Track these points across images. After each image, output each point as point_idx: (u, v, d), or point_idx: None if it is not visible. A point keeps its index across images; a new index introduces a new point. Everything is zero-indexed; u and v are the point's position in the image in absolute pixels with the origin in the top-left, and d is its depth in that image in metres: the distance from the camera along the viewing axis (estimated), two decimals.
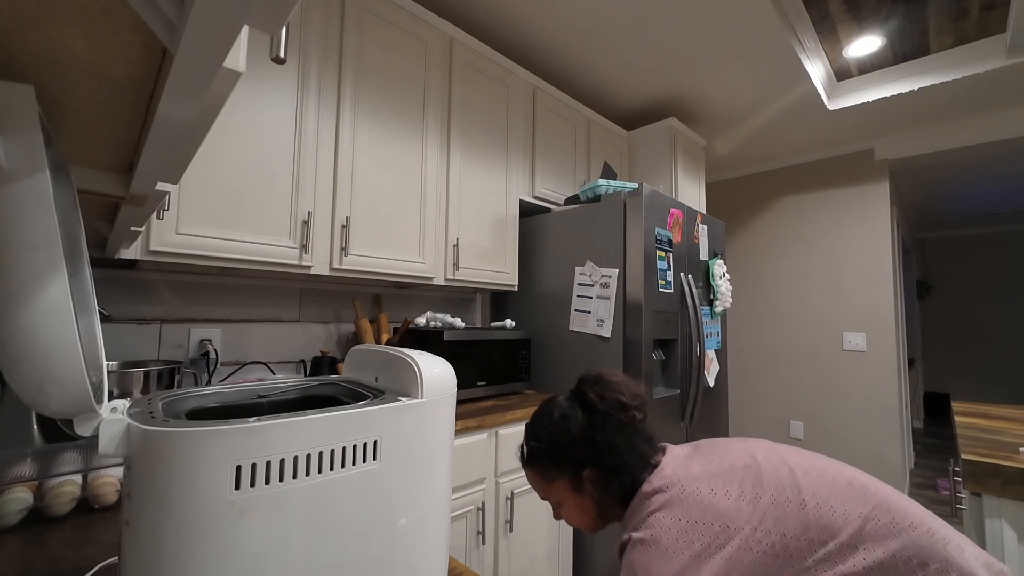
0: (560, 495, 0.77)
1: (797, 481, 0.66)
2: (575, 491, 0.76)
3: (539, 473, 0.78)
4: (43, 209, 0.33)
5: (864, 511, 0.63)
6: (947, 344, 5.78)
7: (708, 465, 0.71)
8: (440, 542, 0.53)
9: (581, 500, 0.76)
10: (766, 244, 3.68)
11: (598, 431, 0.75)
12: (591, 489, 0.75)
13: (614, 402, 0.76)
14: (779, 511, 0.64)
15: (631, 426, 0.76)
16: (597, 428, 0.75)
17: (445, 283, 1.78)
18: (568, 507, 0.77)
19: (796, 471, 0.67)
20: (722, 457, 0.72)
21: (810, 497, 0.64)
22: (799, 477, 0.67)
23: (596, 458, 0.74)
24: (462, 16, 1.99)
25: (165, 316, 1.39)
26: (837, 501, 0.64)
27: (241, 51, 0.36)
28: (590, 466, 0.74)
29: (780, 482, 0.66)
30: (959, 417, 1.50)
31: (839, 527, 0.62)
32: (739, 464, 0.70)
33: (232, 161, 1.25)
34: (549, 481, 0.77)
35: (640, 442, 0.76)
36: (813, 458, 0.71)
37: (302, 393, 0.63)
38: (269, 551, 0.39)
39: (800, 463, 0.69)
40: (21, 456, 0.79)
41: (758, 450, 0.73)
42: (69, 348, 0.34)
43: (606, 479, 0.74)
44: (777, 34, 2.05)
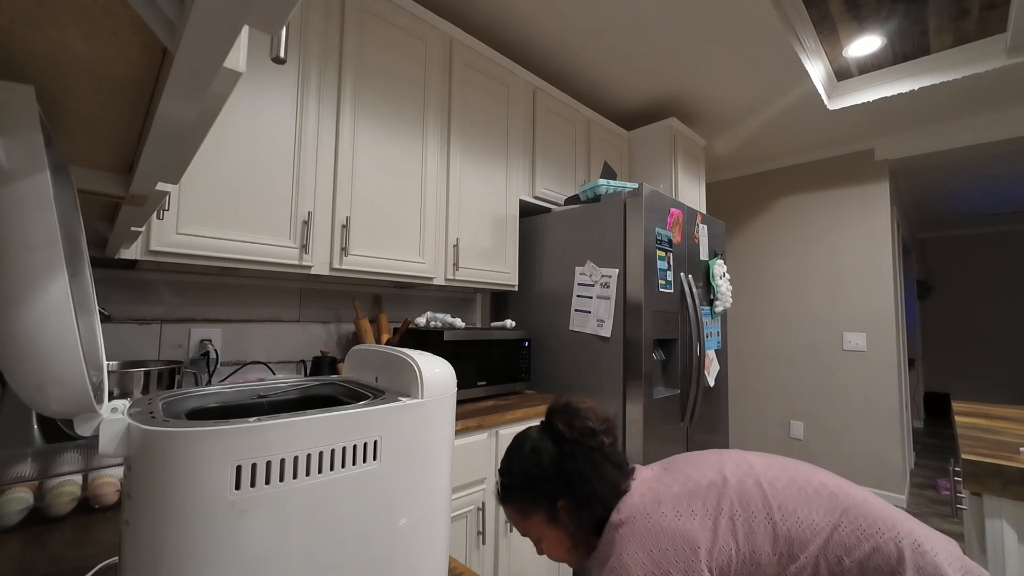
0: (539, 530, 0.76)
1: (765, 494, 0.67)
2: (552, 524, 0.75)
3: (516, 509, 0.78)
4: (43, 209, 0.33)
5: (832, 519, 0.64)
6: (947, 344, 5.78)
7: (673, 486, 0.71)
8: (440, 542, 0.53)
9: (558, 532, 0.75)
10: (766, 244, 3.68)
11: (568, 461, 0.75)
12: (566, 520, 0.74)
13: (583, 429, 0.76)
14: (747, 527, 0.65)
15: (600, 452, 0.76)
16: (567, 458, 0.75)
17: (445, 283, 1.78)
18: (548, 541, 0.77)
19: (763, 483, 0.68)
20: (688, 475, 0.73)
21: (777, 510, 0.65)
22: (766, 489, 0.67)
23: (568, 489, 0.74)
24: (462, 16, 1.99)
25: (165, 316, 1.39)
26: (804, 512, 0.65)
27: (241, 51, 0.36)
28: (563, 497, 0.74)
29: (748, 497, 0.67)
30: (959, 417, 1.50)
31: (807, 539, 0.63)
32: (704, 482, 0.70)
33: (232, 161, 1.25)
34: (526, 517, 0.77)
35: (610, 469, 0.76)
36: (782, 466, 0.72)
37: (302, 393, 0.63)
38: (269, 551, 0.39)
39: (768, 474, 0.70)
40: (21, 456, 0.79)
41: (727, 463, 0.73)
42: (69, 348, 0.34)
43: (579, 509, 0.73)
44: (777, 34, 2.05)
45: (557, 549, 0.76)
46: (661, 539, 0.65)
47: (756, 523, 0.65)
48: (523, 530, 0.78)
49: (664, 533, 0.65)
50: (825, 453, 3.27)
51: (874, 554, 0.61)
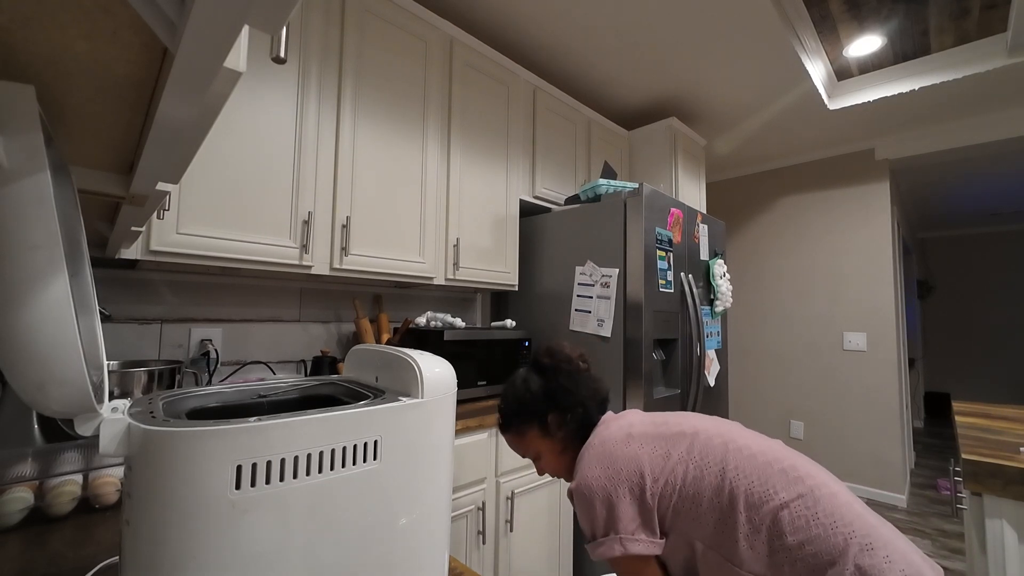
0: (536, 445, 0.88)
1: (726, 453, 0.74)
2: (544, 436, 0.87)
3: (514, 432, 0.89)
4: (44, 209, 0.33)
5: (786, 497, 0.68)
6: (947, 344, 5.78)
7: (648, 427, 0.82)
8: (440, 542, 0.53)
9: (550, 443, 0.87)
10: (766, 244, 3.68)
11: (552, 382, 0.89)
12: (555, 430, 0.87)
13: (561, 356, 0.91)
14: (697, 472, 0.73)
15: (578, 374, 0.90)
16: (551, 380, 0.89)
17: (445, 283, 1.78)
18: (545, 456, 0.88)
19: (730, 446, 0.75)
20: (666, 422, 0.83)
21: (732, 469, 0.72)
22: (730, 451, 0.75)
23: (555, 404, 0.87)
24: (462, 16, 1.99)
25: (166, 316, 1.39)
26: (759, 481, 0.70)
27: (241, 51, 0.36)
28: (552, 411, 0.87)
29: (708, 449, 0.75)
30: (960, 417, 1.50)
31: (753, 503, 0.68)
32: (676, 429, 0.80)
33: (233, 161, 1.25)
34: (523, 436, 0.88)
35: (588, 382, 0.90)
36: (761, 443, 0.77)
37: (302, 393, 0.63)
38: (270, 551, 0.39)
39: (739, 442, 0.76)
40: (22, 456, 0.79)
41: (709, 424, 0.81)
42: (70, 348, 0.34)
43: (565, 417, 0.86)
44: (778, 34, 2.05)
45: (553, 461, 0.88)
46: (617, 460, 0.77)
47: (707, 471, 0.73)
48: (522, 451, 0.90)
49: (621, 456, 0.77)
50: (825, 453, 3.27)
51: (818, 540, 0.64)
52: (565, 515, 1.74)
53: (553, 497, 1.70)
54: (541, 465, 0.90)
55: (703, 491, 0.72)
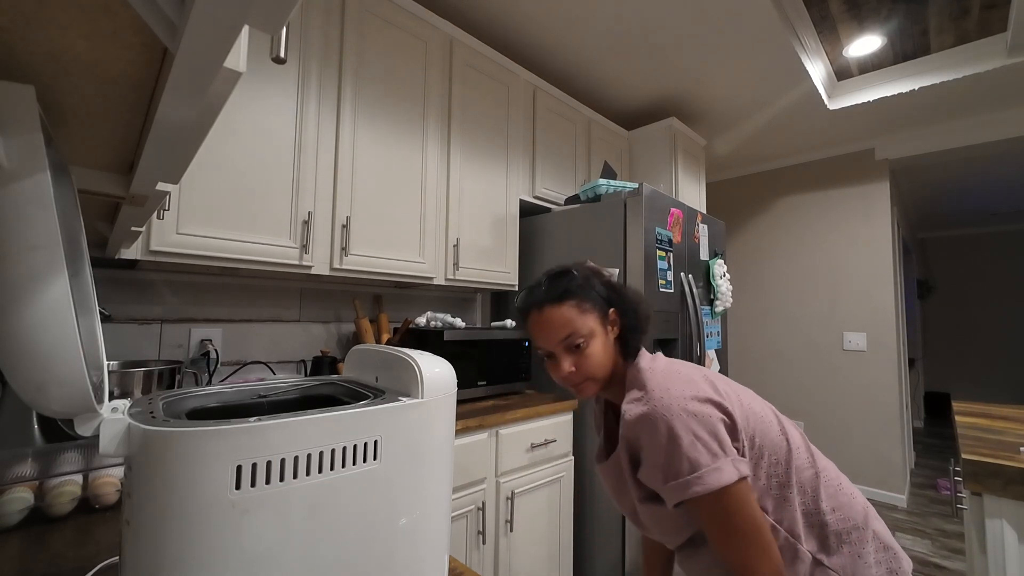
0: (591, 326, 0.77)
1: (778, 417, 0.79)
2: (602, 324, 0.79)
3: (575, 303, 0.78)
4: (44, 209, 0.33)
5: (821, 466, 0.76)
6: (947, 344, 5.78)
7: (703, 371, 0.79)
8: (440, 542, 0.53)
9: (605, 337, 0.79)
10: (766, 244, 3.68)
11: (610, 285, 0.83)
12: (611, 327, 0.80)
13: (616, 282, 0.85)
14: (762, 426, 0.74)
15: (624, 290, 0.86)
16: (608, 284, 0.83)
17: (445, 283, 1.78)
18: (594, 344, 0.77)
19: (776, 412, 0.80)
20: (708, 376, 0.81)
21: (787, 432, 0.76)
22: (780, 417, 0.79)
23: (615, 302, 0.81)
24: (462, 16, 1.99)
25: (166, 316, 1.39)
26: (803, 449, 0.76)
27: (241, 51, 0.36)
28: (614, 305, 0.81)
29: (761, 408, 0.78)
30: (960, 417, 1.50)
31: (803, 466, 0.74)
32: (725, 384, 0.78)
33: (233, 161, 1.25)
34: (583, 312, 0.77)
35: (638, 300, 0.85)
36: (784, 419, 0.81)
37: (303, 393, 0.63)
38: (270, 551, 0.39)
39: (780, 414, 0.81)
40: (22, 456, 0.79)
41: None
42: (70, 348, 0.34)
43: (625, 320, 0.81)
44: (777, 34, 2.05)
45: (599, 348, 0.77)
46: (700, 385, 0.72)
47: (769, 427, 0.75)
48: (572, 327, 0.76)
49: (702, 383, 0.73)
50: (825, 453, 3.27)
51: (844, 508, 0.74)
52: (565, 515, 1.74)
53: (553, 497, 1.70)
54: (583, 354, 0.76)
55: (765, 446, 0.72)
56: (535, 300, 0.80)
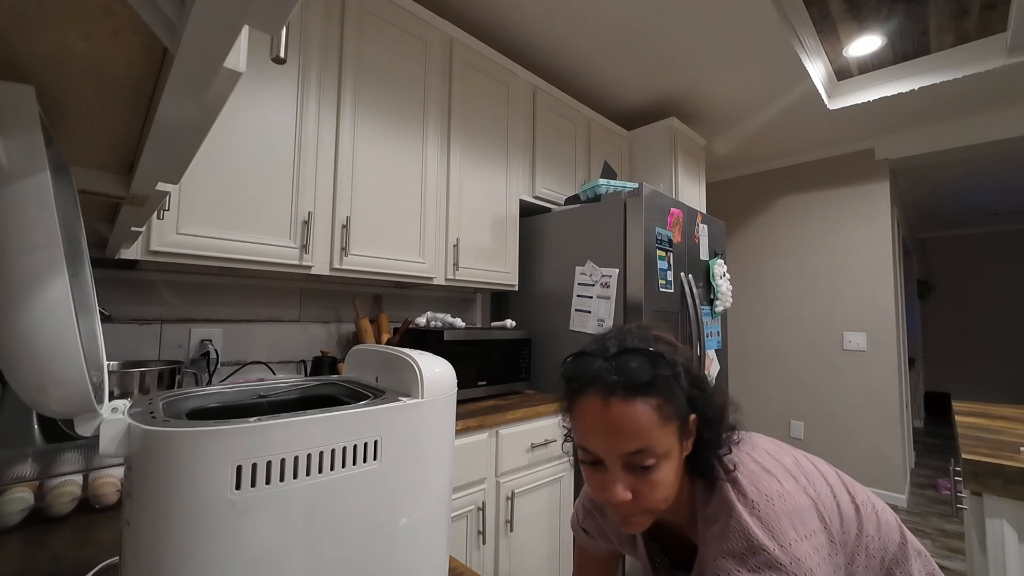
0: (669, 442, 0.56)
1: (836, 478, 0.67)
2: (679, 439, 0.57)
3: (658, 407, 0.54)
4: (44, 209, 0.33)
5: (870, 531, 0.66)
6: (947, 344, 5.78)
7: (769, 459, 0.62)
8: (440, 542, 0.53)
9: (679, 459, 0.58)
10: (766, 244, 3.68)
11: (695, 381, 0.60)
12: (686, 440, 0.58)
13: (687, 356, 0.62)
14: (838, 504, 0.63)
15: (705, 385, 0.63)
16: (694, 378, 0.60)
17: (445, 283, 1.78)
18: (666, 468, 0.55)
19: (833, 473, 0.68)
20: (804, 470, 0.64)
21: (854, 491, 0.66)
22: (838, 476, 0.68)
23: (702, 402, 0.59)
24: (462, 16, 1.99)
25: (166, 316, 1.39)
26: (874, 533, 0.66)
27: (241, 51, 0.36)
28: (698, 410, 0.59)
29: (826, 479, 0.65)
30: (960, 417, 1.50)
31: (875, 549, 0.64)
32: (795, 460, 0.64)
33: (232, 161, 1.25)
34: (664, 421, 0.55)
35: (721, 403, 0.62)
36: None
37: (303, 393, 0.63)
38: (270, 551, 0.39)
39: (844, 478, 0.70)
40: (22, 456, 0.79)
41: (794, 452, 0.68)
42: (70, 348, 0.34)
43: (707, 429, 0.59)
44: (777, 34, 2.05)
45: (671, 478, 0.56)
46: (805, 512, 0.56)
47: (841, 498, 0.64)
48: (647, 441, 0.54)
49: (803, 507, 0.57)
50: (825, 453, 3.27)
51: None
52: (565, 515, 1.74)
53: (553, 497, 1.70)
54: (649, 480, 0.55)
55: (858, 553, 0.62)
56: (600, 380, 0.55)
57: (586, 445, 0.57)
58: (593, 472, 0.57)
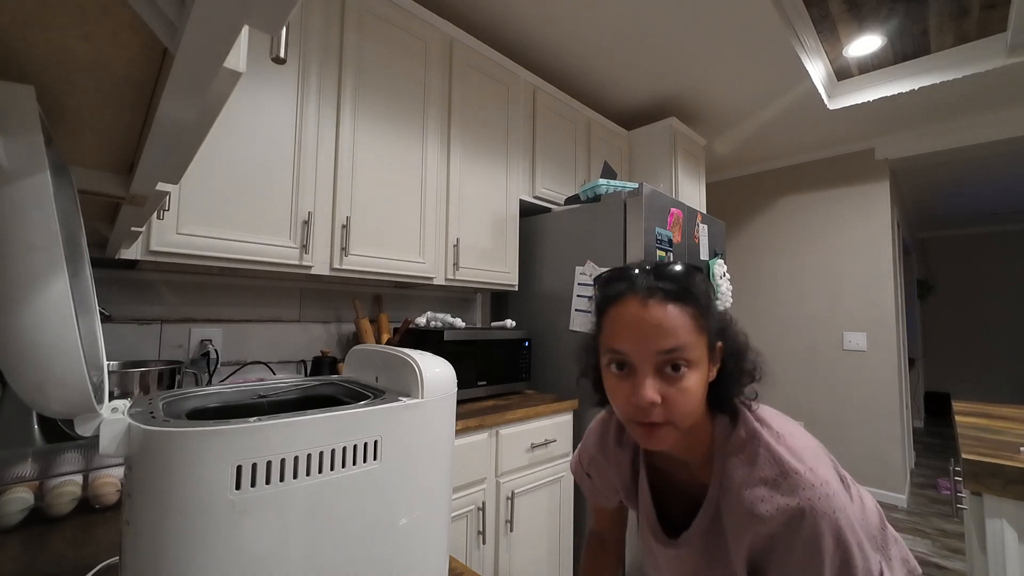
0: (700, 353, 0.57)
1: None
2: (706, 357, 0.58)
3: (693, 315, 0.57)
4: (43, 209, 0.33)
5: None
6: (947, 344, 5.78)
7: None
8: (440, 542, 0.53)
9: (704, 377, 0.58)
10: (766, 244, 3.68)
11: (726, 319, 0.63)
12: (713, 364, 0.60)
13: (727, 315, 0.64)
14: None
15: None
16: (726, 317, 0.63)
17: (445, 283, 1.78)
18: (693, 377, 0.56)
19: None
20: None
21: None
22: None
23: (729, 335, 0.61)
24: (462, 16, 1.99)
25: (166, 316, 1.39)
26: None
27: (241, 51, 0.36)
28: (725, 340, 0.61)
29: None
30: (960, 417, 1.50)
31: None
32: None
33: (232, 161, 1.25)
34: (698, 330, 0.57)
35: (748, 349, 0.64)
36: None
37: (303, 393, 0.63)
38: (270, 551, 0.39)
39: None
40: (22, 456, 0.79)
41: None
42: (70, 348, 0.34)
43: (730, 361, 0.61)
44: (777, 34, 2.05)
45: (698, 391, 0.57)
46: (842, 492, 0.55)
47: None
48: (682, 341, 0.55)
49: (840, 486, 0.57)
50: None
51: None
52: (565, 515, 1.74)
53: (553, 497, 1.70)
54: (679, 386, 0.55)
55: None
56: (640, 283, 0.57)
57: (620, 347, 0.57)
58: (621, 381, 0.57)
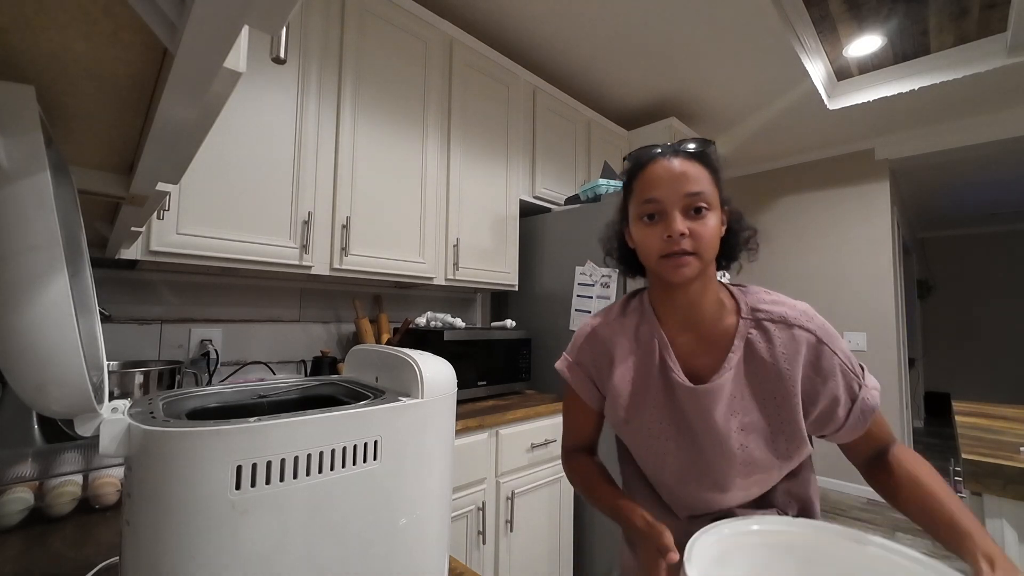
0: (716, 201, 0.69)
1: None
2: (721, 211, 0.71)
3: (711, 172, 0.69)
4: (44, 210, 0.33)
5: None
6: (947, 344, 5.78)
7: None
8: (440, 542, 0.53)
9: (719, 221, 0.70)
10: (766, 244, 3.67)
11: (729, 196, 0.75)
12: (721, 224, 0.71)
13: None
14: None
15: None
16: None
17: (445, 283, 1.78)
18: (712, 218, 0.67)
19: None
20: None
21: None
22: None
23: (732, 204, 0.74)
24: (462, 16, 1.99)
25: (165, 316, 1.39)
26: None
27: (241, 51, 0.36)
28: (729, 207, 0.73)
29: None
30: (960, 417, 1.50)
31: None
32: None
33: (232, 161, 1.25)
34: (715, 185, 0.69)
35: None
36: None
37: (302, 393, 0.63)
38: (270, 551, 0.39)
39: None
40: (22, 456, 0.79)
41: None
42: (70, 348, 0.34)
43: (733, 224, 0.75)
44: (778, 34, 2.05)
45: (716, 231, 0.68)
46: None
47: None
48: (703, 186, 0.66)
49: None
50: (825, 452, 3.26)
51: None
52: (565, 515, 1.74)
53: (553, 497, 1.70)
54: (702, 222, 0.66)
55: None
56: (666, 149, 0.70)
57: (653, 195, 0.68)
58: (652, 227, 0.69)
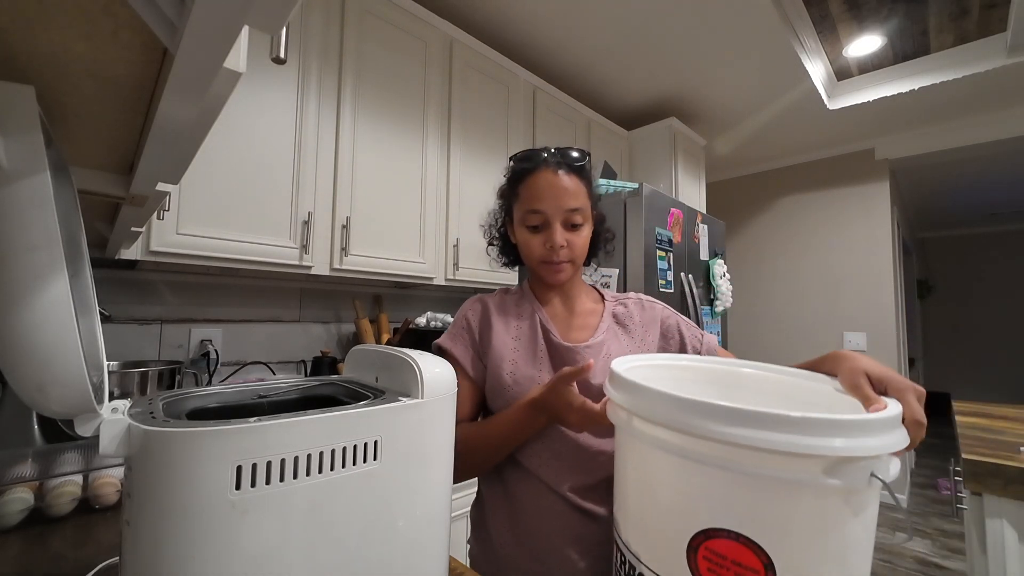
0: (589, 213, 0.79)
1: None
2: (592, 218, 0.81)
3: (587, 185, 0.79)
4: (44, 210, 0.33)
5: None
6: (947, 344, 5.78)
7: None
8: (441, 542, 0.53)
9: (591, 231, 0.82)
10: (766, 244, 3.68)
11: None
12: (591, 230, 0.82)
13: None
14: None
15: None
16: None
17: (445, 283, 1.78)
18: (586, 229, 0.79)
19: None
20: None
21: None
22: None
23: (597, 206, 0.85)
24: (462, 16, 1.99)
25: (165, 316, 1.39)
26: None
27: (241, 51, 0.36)
28: (596, 209, 0.84)
29: None
30: (960, 417, 1.50)
31: None
32: None
33: (232, 161, 1.25)
34: (589, 196, 0.79)
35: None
36: None
37: (302, 393, 0.63)
38: (270, 551, 0.39)
39: None
40: (22, 456, 0.79)
41: None
42: (70, 348, 0.34)
43: (599, 225, 0.86)
44: (777, 34, 2.05)
45: (587, 238, 0.80)
46: None
47: None
48: (581, 202, 0.76)
49: None
50: None
51: None
52: None
53: None
54: (578, 234, 0.77)
55: None
56: (550, 159, 0.76)
57: (539, 207, 0.75)
58: (535, 235, 0.77)
